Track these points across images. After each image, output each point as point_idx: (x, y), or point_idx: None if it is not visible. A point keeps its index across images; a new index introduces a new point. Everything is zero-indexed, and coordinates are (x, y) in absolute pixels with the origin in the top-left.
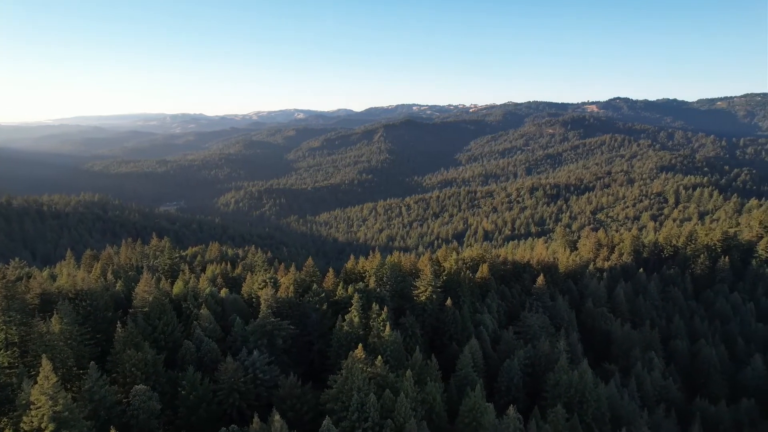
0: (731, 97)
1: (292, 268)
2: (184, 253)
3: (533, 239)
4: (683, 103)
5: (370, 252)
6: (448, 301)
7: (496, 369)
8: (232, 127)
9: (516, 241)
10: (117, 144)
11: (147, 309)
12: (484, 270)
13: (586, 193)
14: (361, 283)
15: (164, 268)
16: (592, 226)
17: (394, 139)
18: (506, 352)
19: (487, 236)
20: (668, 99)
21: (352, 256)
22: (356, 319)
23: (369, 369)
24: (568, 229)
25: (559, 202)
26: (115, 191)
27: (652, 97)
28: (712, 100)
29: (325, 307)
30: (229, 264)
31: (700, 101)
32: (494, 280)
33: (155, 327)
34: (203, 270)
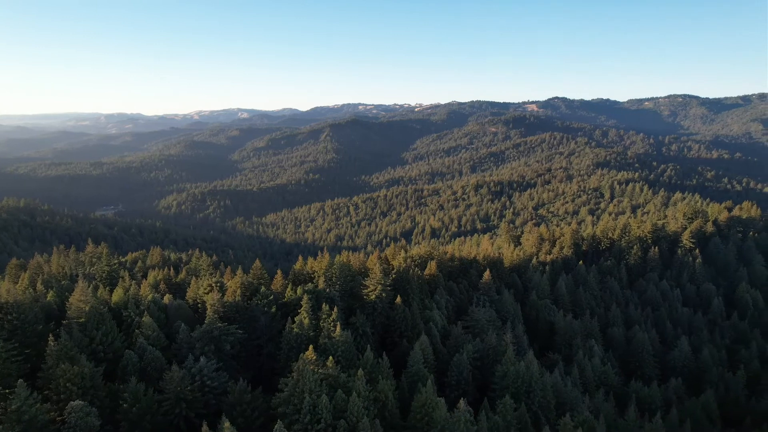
0: (657, 98)
1: (239, 271)
2: (123, 259)
3: (479, 235)
4: (615, 102)
5: (319, 252)
6: (398, 299)
7: (446, 364)
8: (172, 127)
9: (462, 238)
10: (45, 145)
11: (83, 319)
12: (432, 267)
13: (528, 190)
14: (310, 284)
15: (102, 276)
16: (534, 221)
17: (340, 139)
18: (455, 347)
19: (435, 233)
20: (602, 99)
21: (300, 257)
22: (306, 321)
23: (320, 370)
24: (511, 225)
25: (502, 199)
26: (45, 196)
27: (587, 97)
28: (641, 100)
29: (274, 309)
30: (172, 269)
31: (630, 101)
32: (442, 277)
33: (93, 338)
34: (145, 276)
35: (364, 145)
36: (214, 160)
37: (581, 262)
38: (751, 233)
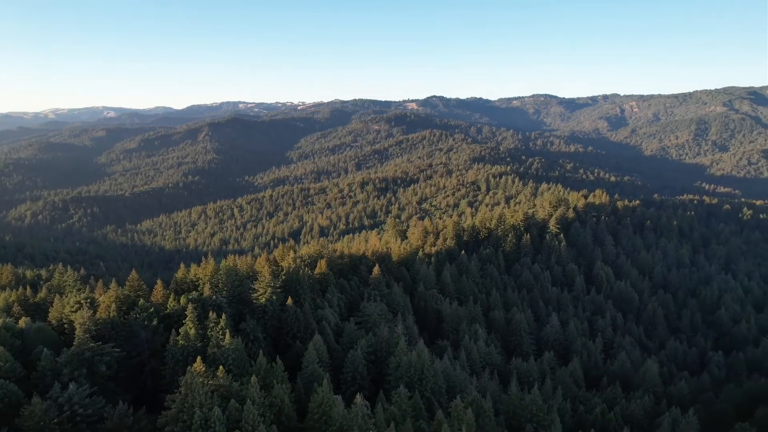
0: (523, 97)
1: (113, 284)
2: None
3: (367, 232)
4: (487, 101)
5: (203, 258)
6: (289, 300)
7: (341, 361)
8: (20, 127)
9: (351, 235)
10: None
11: None
12: (322, 265)
13: (412, 185)
14: (194, 292)
15: None
16: (418, 215)
17: (221, 138)
18: (349, 343)
19: (323, 232)
20: (476, 98)
21: (182, 264)
22: (192, 331)
23: (211, 381)
24: (398, 220)
25: (388, 195)
26: None
27: (462, 96)
28: (509, 99)
29: (155, 322)
30: (28, 288)
31: (500, 100)
32: (333, 275)
33: None
34: None
35: (247, 145)
36: (76, 163)
37: (463, 251)
38: (603, 217)
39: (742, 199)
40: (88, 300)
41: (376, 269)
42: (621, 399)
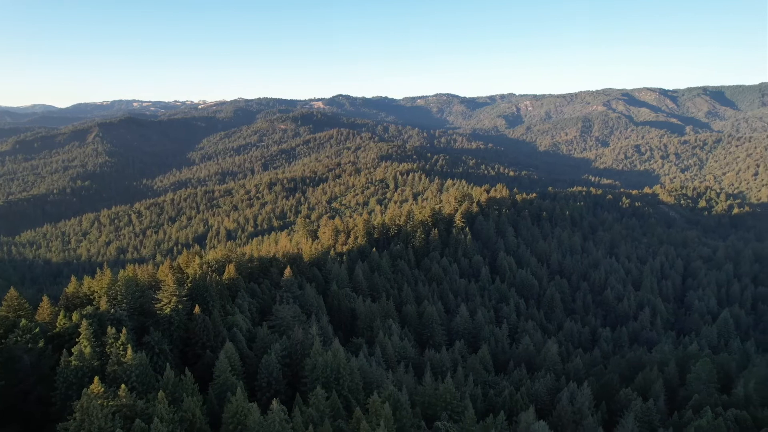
0: (426, 96)
1: None
2: None
3: (276, 233)
4: (393, 100)
5: (98, 269)
6: (196, 309)
7: (255, 367)
8: None
9: (260, 237)
10: None
11: None
12: (230, 270)
13: (321, 185)
14: (89, 306)
15: None
16: (329, 214)
17: (113, 140)
18: (263, 348)
19: (230, 235)
20: (381, 97)
21: (73, 278)
22: (87, 350)
23: (112, 402)
24: (308, 220)
25: (297, 195)
26: None
27: (368, 95)
28: (414, 99)
29: (41, 344)
30: None
31: (405, 99)
32: (242, 279)
33: None
34: None
35: (143, 146)
36: None
37: (374, 249)
38: (504, 210)
39: (621, 190)
40: None
41: (287, 271)
42: (526, 380)
